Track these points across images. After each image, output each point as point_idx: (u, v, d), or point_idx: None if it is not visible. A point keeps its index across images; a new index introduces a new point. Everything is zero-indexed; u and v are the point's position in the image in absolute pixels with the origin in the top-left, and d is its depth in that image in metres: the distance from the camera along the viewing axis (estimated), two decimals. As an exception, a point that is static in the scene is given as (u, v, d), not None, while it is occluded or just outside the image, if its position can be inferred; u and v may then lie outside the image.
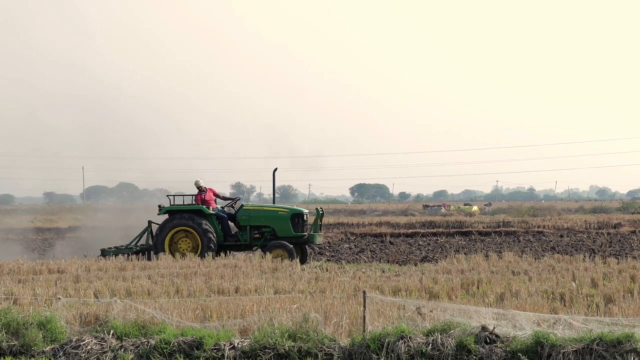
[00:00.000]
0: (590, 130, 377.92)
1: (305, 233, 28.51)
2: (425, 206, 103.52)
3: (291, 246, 27.55)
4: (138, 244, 29.58)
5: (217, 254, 27.70)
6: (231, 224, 29.04)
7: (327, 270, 23.16)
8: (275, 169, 29.62)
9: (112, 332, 13.44)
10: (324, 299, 15.79)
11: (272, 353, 12.68)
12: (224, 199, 29.95)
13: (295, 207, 30.10)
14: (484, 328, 12.55)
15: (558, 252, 29.35)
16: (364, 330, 13.00)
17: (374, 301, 14.33)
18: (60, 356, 13.02)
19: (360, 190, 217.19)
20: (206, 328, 13.50)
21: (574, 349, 11.91)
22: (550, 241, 37.25)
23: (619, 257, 26.45)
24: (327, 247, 36.00)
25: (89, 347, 13.10)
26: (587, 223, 49.21)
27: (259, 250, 28.48)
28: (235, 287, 18.64)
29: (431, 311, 13.64)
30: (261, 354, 12.68)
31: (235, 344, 12.94)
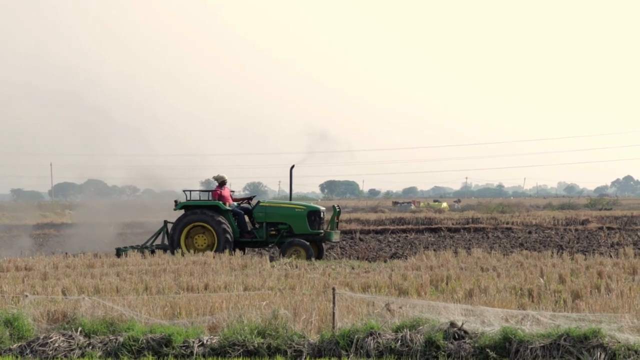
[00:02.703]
0: (559, 128, 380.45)
1: (322, 230, 28.31)
2: (395, 203, 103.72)
3: (308, 244, 27.32)
4: (154, 243, 29.27)
5: (234, 250, 27.57)
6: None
7: (296, 267, 23.15)
8: (293, 166, 29.35)
9: (80, 329, 13.37)
10: (293, 296, 15.79)
11: (241, 350, 12.66)
12: (237, 200, 29.53)
13: (312, 204, 29.85)
14: (452, 324, 12.60)
15: (526, 249, 29.52)
16: (333, 327, 13.01)
17: (344, 298, 14.34)
18: (27, 354, 12.93)
19: (330, 187, 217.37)
20: (175, 325, 13.45)
21: (542, 344, 11.98)
22: (519, 237, 37.44)
23: (587, 253, 26.62)
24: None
25: (56, 345, 13.01)
26: (555, 219, 49.48)
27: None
28: (204, 284, 18.59)
29: (400, 307, 13.67)
30: (230, 351, 12.65)
31: (204, 341, 12.90)
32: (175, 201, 29.13)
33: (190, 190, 29.13)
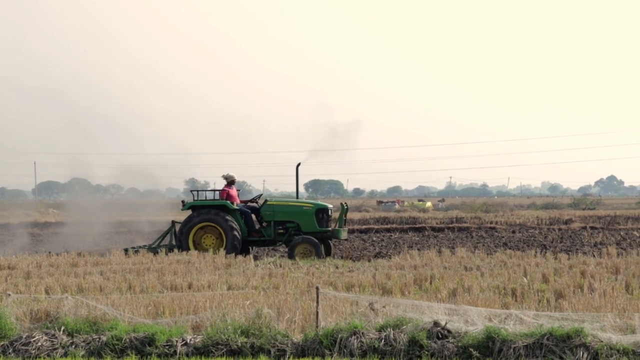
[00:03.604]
0: (542, 127, 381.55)
1: (330, 228, 28.24)
2: (379, 202, 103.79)
3: (317, 241, 27.19)
4: (161, 243, 29.13)
5: (242, 250, 27.55)
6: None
7: (280, 266, 23.14)
8: (299, 164, 29.26)
9: (63, 328, 13.33)
10: (277, 295, 15.79)
11: (225, 349, 12.65)
12: (243, 202, 29.28)
13: (319, 202, 29.76)
14: (436, 323, 12.62)
15: (510, 248, 29.58)
16: (316, 326, 13.02)
17: (327, 297, 14.36)
18: (10, 353, 12.88)
19: (314, 186, 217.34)
20: (158, 324, 13.43)
21: (525, 343, 12.02)
22: (503, 237, 37.52)
23: (570, 252, 26.71)
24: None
25: (39, 344, 12.97)
26: (539, 219, 49.62)
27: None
28: (188, 283, 18.57)
29: (384, 307, 13.69)
30: (214, 350, 12.64)
31: (188, 340, 12.89)
32: (183, 201, 29.07)
33: (198, 190, 29.10)
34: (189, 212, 28.25)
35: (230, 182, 28.50)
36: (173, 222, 29.31)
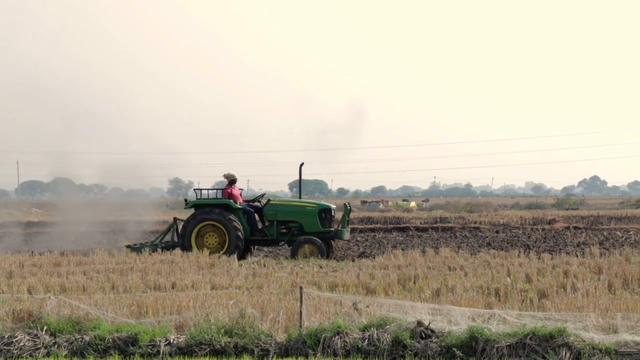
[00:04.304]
0: (526, 128, 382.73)
1: (333, 228, 28.17)
2: (364, 202, 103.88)
3: (320, 241, 27.11)
4: (163, 240, 29.04)
5: (244, 249, 27.51)
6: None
7: (264, 266, 23.12)
8: (302, 164, 29.19)
9: (45, 328, 13.28)
10: (261, 295, 15.77)
11: (208, 349, 12.63)
12: (245, 201, 29.18)
13: (322, 202, 29.66)
14: (419, 323, 12.64)
15: (494, 248, 29.63)
16: (300, 326, 13.01)
17: (311, 297, 14.35)
18: (-8, 353, 12.83)
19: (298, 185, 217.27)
20: (142, 324, 13.40)
21: (508, 343, 12.05)
22: (486, 237, 37.58)
23: (553, 252, 26.78)
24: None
25: (21, 344, 12.92)
26: (523, 219, 49.73)
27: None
28: (172, 283, 18.53)
29: (367, 307, 13.70)
30: (197, 350, 12.62)
31: (171, 340, 12.86)
32: (186, 200, 28.99)
33: (201, 189, 28.98)
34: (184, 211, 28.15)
35: (232, 181, 28.38)
36: (175, 219, 29.26)
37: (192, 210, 28.06)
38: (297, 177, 29.51)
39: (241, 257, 26.50)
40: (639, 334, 12.13)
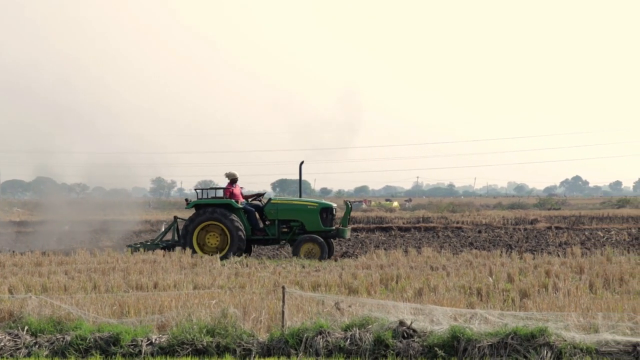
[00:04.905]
0: (508, 128, 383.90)
1: (334, 227, 28.10)
2: (346, 202, 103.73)
3: (322, 240, 27.02)
4: (163, 239, 28.93)
5: (246, 249, 27.46)
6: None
7: (247, 265, 23.10)
8: (302, 162, 29.16)
9: (26, 328, 13.22)
10: (243, 295, 15.75)
11: (190, 349, 12.61)
12: (248, 197, 29.10)
13: (324, 201, 29.59)
14: (401, 323, 12.66)
15: (476, 248, 29.72)
16: (282, 326, 13.01)
17: (294, 296, 14.34)
18: (-28, 353, 12.77)
19: (281, 185, 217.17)
20: (123, 324, 13.37)
21: (489, 343, 12.08)
22: (469, 237, 37.68)
23: (535, 252, 26.87)
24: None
25: (2, 344, 12.86)
26: (505, 219, 49.89)
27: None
28: (154, 283, 18.48)
29: (350, 306, 13.70)
30: (179, 350, 12.60)
31: (153, 340, 12.83)
32: (187, 200, 28.89)
33: (202, 189, 28.86)
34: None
35: (233, 180, 28.27)
36: (175, 218, 29.19)
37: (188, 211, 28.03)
38: (279, 177, 29.64)
39: (241, 256, 26.45)
40: (619, 334, 12.19)
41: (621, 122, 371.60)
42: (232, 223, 27.05)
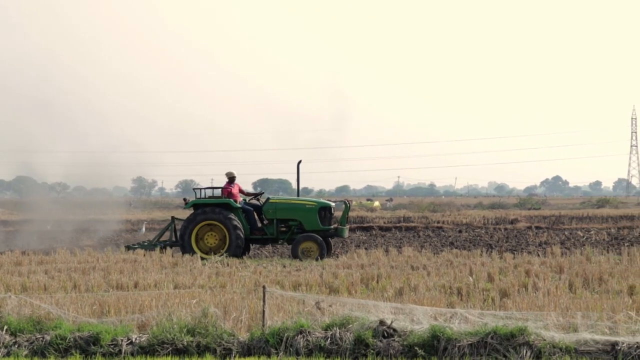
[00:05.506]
0: (489, 128, 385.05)
1: (333, 226, 28.05)
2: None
3: (321, 239, 26.96)
4: (161, 239, 28.78)
5: (245, 248, 27.46)
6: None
7: (228, 265, 23.09)
8: (300, 162, 29.10)
9: (5, 327, 13.17)
10: (224, 294, 15.75)
11: (171, 348, 12.60)
12: (248, 194, 29.10)
13: (322, 200, 29.54)
14: (381, 322, 12.68)
15: (456, 247, 29.77)
16: (263, 325, 13.01)
17: (274, 296, 14.35)
18: (-49, 353, 12.71)
19: (263, 185, 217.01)
20: (103, 323, 13.34)
21: (469, 342, 12.12)
22: (449, 236, 37.76)
23: (515, 252, 26.96)
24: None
25: (-19, 344, 12.81)
26: (485, 218, 50.03)
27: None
28: (134, 282, 18.46)
29: (330, 306, 13.72)
30: (159, 349, 12.58)
31: (133, 339, 12.81)
32: (185, 199, 28.79)
33: (200, 188, 28.81)
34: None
35: (231, 179, 28.19)
36: (173, 218, 29.07)
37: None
38: (259, 177, 29.61)
39: (241, 255, 26.52)
40: (598, 333, 12.26)
41: (601, 123, 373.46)
42: (231, 222, 26.94)
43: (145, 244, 28.61)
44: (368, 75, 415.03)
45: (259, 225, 28.05)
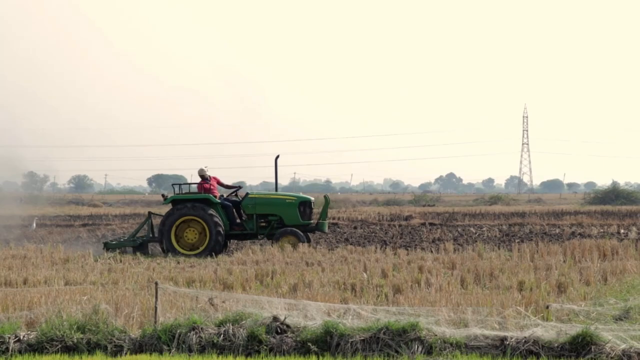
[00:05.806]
0: (384, 125, 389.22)
1: (312, 221, 27.92)
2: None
3: (302, 233, 26.80)
4: (137, 235, 28.00)
5: (224, 244, 27.05)
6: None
7: (121, 261, 22.82)
8: (277, 157, 28.78)
9: None
10: (115, 291, 15.56)
11: (60, 345, 12.36)
12: (228, 187, 28.68)
13: (302, 194, 29.27)
14: (275, 318, 12.66)
15: (351, 244, 29.99)
16: (155, 322, 12.87)
17: (167, 292, 14.23)
18: None
19: (158, 180, 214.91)
20: (-10, 321, 13.00)
21: (362, 338, 12.19)
22: (345, 232, 37.99)
23: (409, 248, 27.27)
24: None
25: None
26: (380, 215, 50.52)
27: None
28: (23, 279, 18.09)
29: (224, 302, 13.67)
30: (48, 347, 12.33)
31: (21, 337, 12.53)
32: (163, 194, 28.36)
33: (180, 184, 28.36)
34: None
35: (202, 177, 27.79)
36: (149, 214, 28.51)
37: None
38: (155, 172, 29.34)
39: (220, 252, 26.20)
40: (488, 328, 12.47)
41: (494, 121, 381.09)
42: (212, 218, 26.60)
43: (122, 240, 28.03)
44: (267, 74, 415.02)
45: (238, 220, 27.76)
